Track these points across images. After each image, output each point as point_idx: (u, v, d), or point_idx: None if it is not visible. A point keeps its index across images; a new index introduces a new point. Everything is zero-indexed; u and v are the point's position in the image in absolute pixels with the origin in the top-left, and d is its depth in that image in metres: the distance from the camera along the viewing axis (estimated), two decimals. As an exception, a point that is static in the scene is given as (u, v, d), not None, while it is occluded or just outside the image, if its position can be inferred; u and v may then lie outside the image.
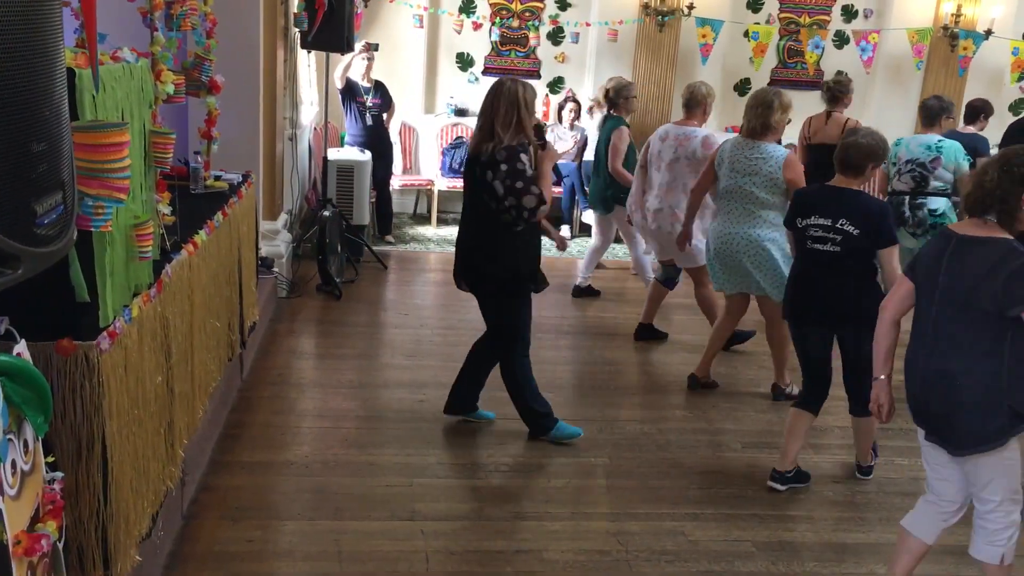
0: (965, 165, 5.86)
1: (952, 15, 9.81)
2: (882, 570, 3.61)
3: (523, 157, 4.09)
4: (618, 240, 7.71)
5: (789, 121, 5.05)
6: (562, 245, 5.26)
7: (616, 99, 6.64)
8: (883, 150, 4.03)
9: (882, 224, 3.93)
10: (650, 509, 3.97)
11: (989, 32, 9.74)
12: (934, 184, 5.92)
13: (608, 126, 6.70)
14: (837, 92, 6.71)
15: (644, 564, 3.54)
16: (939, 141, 5.95)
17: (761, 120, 4.87)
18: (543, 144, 4.27)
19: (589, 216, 8.59)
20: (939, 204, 5.93)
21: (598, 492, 4.10)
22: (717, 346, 5.45)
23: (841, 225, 3.94)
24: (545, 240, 4.63)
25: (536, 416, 4.52)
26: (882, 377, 3.25)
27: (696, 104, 5.82)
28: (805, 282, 4.15)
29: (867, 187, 7.96)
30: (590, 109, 8.93)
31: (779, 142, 5.08)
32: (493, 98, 4.15)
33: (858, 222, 3.92)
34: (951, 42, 9.85)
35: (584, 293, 7.24)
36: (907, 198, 5.98)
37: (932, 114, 6.11)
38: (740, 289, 5.18)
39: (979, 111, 7.39)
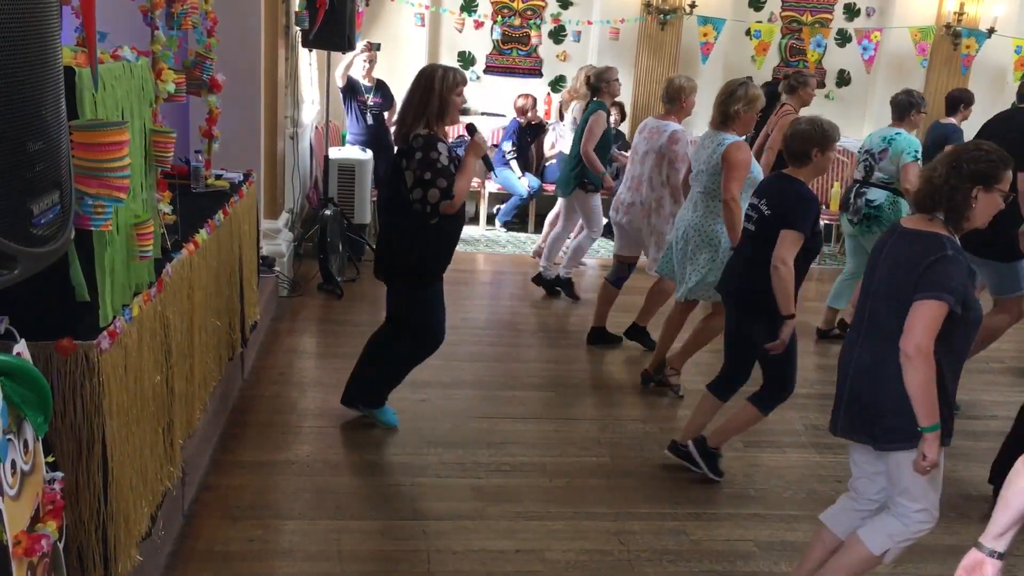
0: (908, 160, 5.85)
1: (955, 13, 9.80)
2: (884, 570, 3.60)
3: (440, 147, 3.99)
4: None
5: (759, 114, 5.01)
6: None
7: (597, 84, 6.61)
8: (822, 135, 3.84)
9: (792, 208, 3.80)
10: (652, 508, 3.96)
11: (992, 30, 9.73)
12: (877, 175, 6.01)
13: (589, 109, 6.65)
14: (793, 83, 6.77)
15: (646, 564, 3.54)
16: (896, 134, 6.00)
17: (721, 109, 4.85)
18: (472, 135, 4.23)
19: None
20: (877, 195, 6.00)
21: (600, 491, 4.09)
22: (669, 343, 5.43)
23: (761, 205, 3.92)
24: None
25: (371, 390, 4.51)
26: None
27: (672, 98, 5.73)
28: (730, 259, 4.26)
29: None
30: (561, 105, 8.90)
31: (749, 136, 5.04)
32: (412, 84, 4.09)
33: (773, 204, 3.86)
34: (954, 40, 9.84)
35: (540, 281, 7.17)
36: (856, 186, 6.13)
37: (901, 108, 6.15)
38: (678, 281, 5.14)
39: (958, 101, 7.43)
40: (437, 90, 4.01)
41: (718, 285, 4.37)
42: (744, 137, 4.97)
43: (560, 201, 7.31)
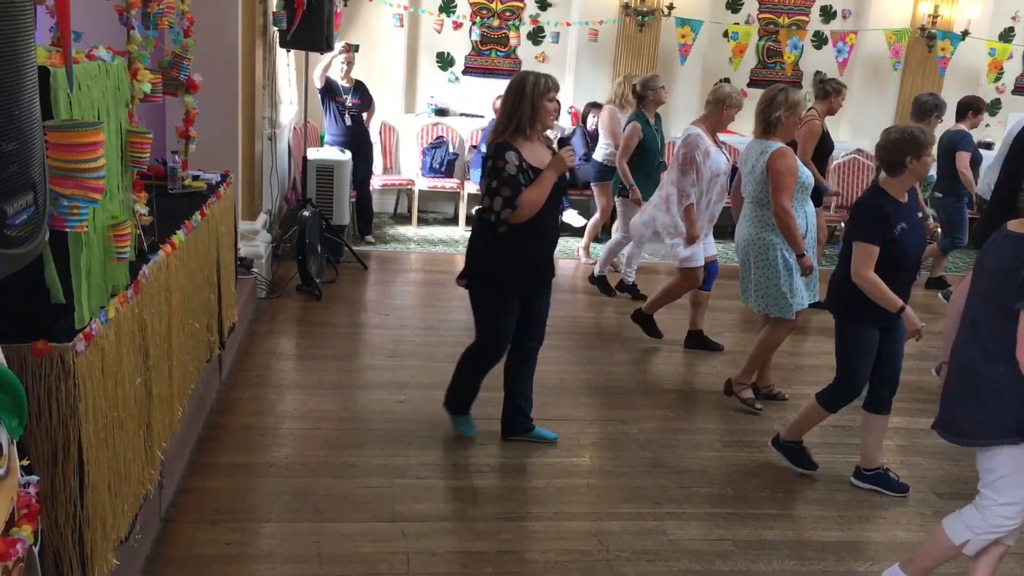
0: None
1: (929, 16, 9.89)
2: (862, 568, 3.63)
3: (508, 155, 3.97)
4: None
5: (799, 120, 4.99)
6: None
7: (644, 93, 6.77)
8: (914, 141, 3.88)
9: (857, 221, 3.94)
10: (631, 509, 3.97)
11: (966, 33, 9.83)
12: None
13: (628, 120, 6.88)
14: (827, 88, 6.78)
15: (625, 564, 3.54)
16: None
17: (762, 117, 4.82)
18: (552, 150, 4.20)
19: (569, 215, 8.62)
20: None
21: (580, 492, 4.09)
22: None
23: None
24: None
25: (452, 395, 4.56)
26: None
27: (713, 103, 5.69)
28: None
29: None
30: (587, 110, 9.07)
31: (793, 143, 5.00)
32: (505, 91, 4.12)
33: (851, 214, 4.02)
34: (928, 43, 9.93)
35: (597, 283, 7.31)
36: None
37: (924, 109, 6.26)
38: (747, 301, 5.07)
39: (967, 107, 7.53)
40: (528, 96, 4.00)
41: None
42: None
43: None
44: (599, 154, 7.70)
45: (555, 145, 4.67)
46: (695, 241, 5.70)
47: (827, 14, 10.20)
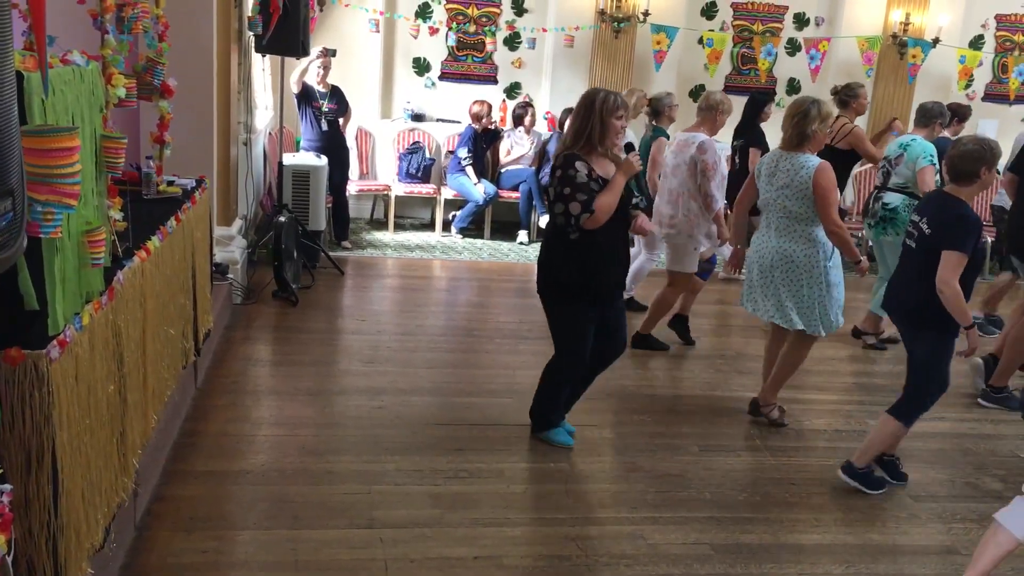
0: (924, 164, 6.12)
1: (901, 23, 10.02)
2: (838, 570, 3.66)
3: (578, 165, 4.08)
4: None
5: (829, 131, 4.99)
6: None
7: (659, 108, 6.85)
8: (990, 153, 4.04)
9: (954, 230, 3.97)
10: (609, 514, 3.98)
11: (937, 40, 9.96)
12: (894, 180, 6.23)
13: (651, 136, 6.89)
14: (844, 97, 6.90)
15: (604, 569, 3.55)
16: (912, 140, 6.28)
17: (798, 130, 4.70)
18: (627, 153, 4.26)
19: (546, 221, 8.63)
20: (893, 199, 6.27)
21: (557, 497, 4.10)
22: (770, 367, 5.19)
23: (922, 224, 4.11)
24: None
25: (536, 414, 4.63)
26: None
27: (705, 110, 5.86)
28: (892, 277, 4.40)
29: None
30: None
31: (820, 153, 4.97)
32: (576, 106, 4.24)
33: (934, 224, 4.05)
34: (900, 50, 10.05)
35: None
36: (875, 192, 6.44)
37: (929, 115, 6.42)
38: (768, 316, 4.93)
39: (952, 116, 7.76)
40: (598, 111, 4.11)
41: (884, 304, 4.46)
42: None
43: None
44: None
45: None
46: (724, 242, 5.92)
47: (800, 21, 10.30)
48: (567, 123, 7.51)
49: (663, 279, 6.25)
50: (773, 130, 7.72)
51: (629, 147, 4.33)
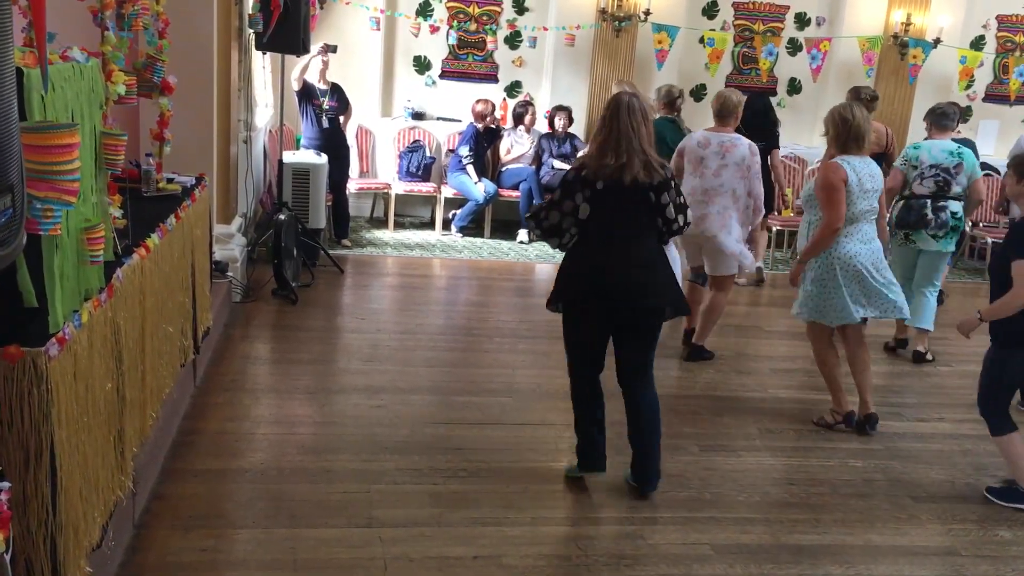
0: (979, 173, 6.20)
1: (902, 24, 10.00)
2: (838, 571, 3.65)
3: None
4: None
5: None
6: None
7: (675, 102, 7.01)
8: None
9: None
10: (609, 513, 3.97)
11: (938, 41, 9.95)
12: (955, 189, 6.14)
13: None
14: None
15: (603, 568, 3.54)
16: (959, 148, 6.20)
17: (867, 137, 4.85)
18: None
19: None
20: (958, 208, 6.17)
21: (557, 497, 4.09)
22: (866, 379, 5.05)
23: None
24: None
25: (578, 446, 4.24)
26: None
27: (729, 112, 5.85)
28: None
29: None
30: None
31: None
32: (625, 113, 3.87)
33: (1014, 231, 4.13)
34: (901, 50, 10.04)
35: None
36: (929, 201, 6.12)
37: (950, 120, 6.34)
38: (879, 312, 4.90)
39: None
40: (645, 115, 3.95)
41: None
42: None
43: None
44: None
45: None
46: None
47: (802, 21, 10.28)
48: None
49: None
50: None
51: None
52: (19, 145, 1.61)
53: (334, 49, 7.90)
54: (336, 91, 8.08)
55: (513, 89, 9.86)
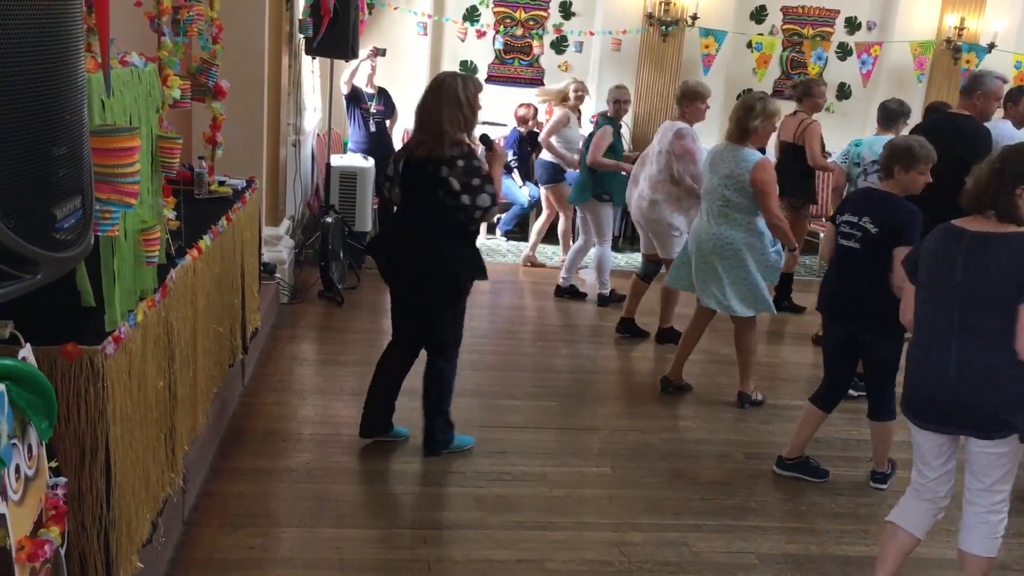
0: None
1: (955, 28, 9.84)
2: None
3: (478, 154, 4.08)
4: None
5: (774, 129, 5.15)
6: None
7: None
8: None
9: (907, 224, 3.96)
10: (653, 520, 3.95)
11: (992, 45, 9.77)
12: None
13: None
14: (800, 94, 7.01)
15: (646, 575, 3.52)
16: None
17: (740, 125, 4.91)
18: (490, 147, 4.26)
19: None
20: None
21: (600, 502, 4.08)
22: (687, 351, 5.47)
23: (864, 223, 4.06)
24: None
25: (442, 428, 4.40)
26: None
27: (681, 99, 6.05)
28: (827, 277, 4.36)
29: (822, 183, 8.08)
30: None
31: (763, 150, 5.14)
32: (434, 93, 4.08)
33: (880, 221, 4.01)
34: (954, 55, 9.88)
35: (566, 293, 7.39)
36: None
37: (892, 116, 6.30)
38: (703, 297, 5.16)
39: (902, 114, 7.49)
40: (464, 99, 4.04)
41: (819, 305, 4.42)
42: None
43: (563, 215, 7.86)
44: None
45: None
46: None
47: (852, 25, 10.16)
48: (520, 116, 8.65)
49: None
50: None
51: (487, 139, 4.34)
52: (88, 148, 1.65)
53: (383, 52, 7.96)
54: (383, 95, 8.14)
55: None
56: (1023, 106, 6.08)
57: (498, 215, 9.27)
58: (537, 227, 8.35)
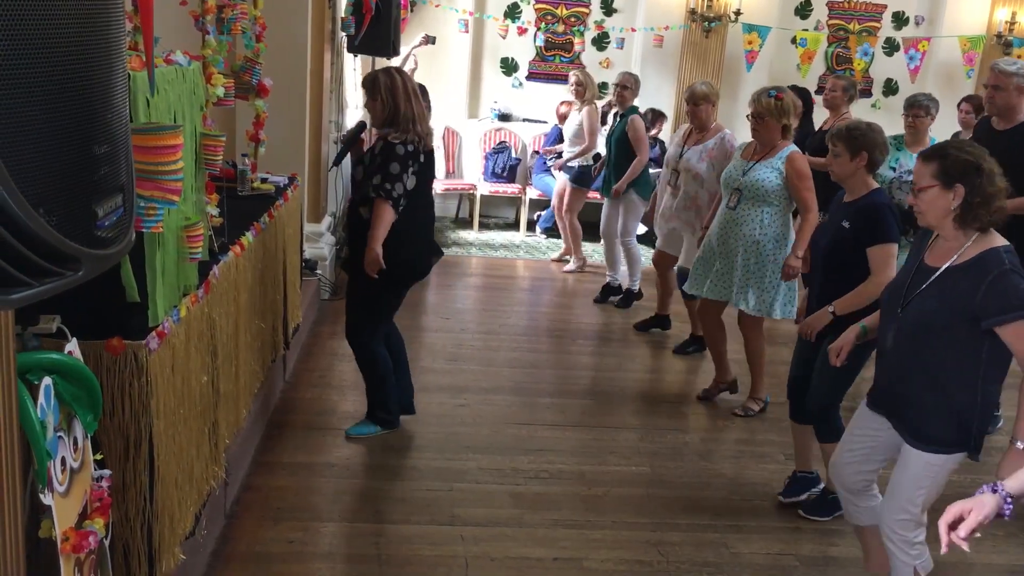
0: None
1: (1007, 22, 9.64)
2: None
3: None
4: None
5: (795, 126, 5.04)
6: None
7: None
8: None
9: (880, 220, 3.66)
10: (692, 520, 3.93)
11: (1044, 40, 9.56)
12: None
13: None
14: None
15: (685, 575, 3.51)
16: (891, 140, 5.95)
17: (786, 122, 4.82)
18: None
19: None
20: None
21: (639, 501, 4.06)
22: (719, 351, 5.31)
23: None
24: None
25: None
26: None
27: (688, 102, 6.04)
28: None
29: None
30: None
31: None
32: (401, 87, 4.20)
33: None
34: (1005, 50, 9.67)
35: (615, 293, 7.24)
36: None
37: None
38: (721, 296, 4.92)
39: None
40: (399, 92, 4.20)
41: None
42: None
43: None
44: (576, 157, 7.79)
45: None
46: None
47: (899, 20, 9.99)
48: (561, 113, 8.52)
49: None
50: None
51: (362, 127, 4.48)
52: (130, 146, 1.67)
53: (433, 40, 8.00)
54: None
55: (600, 90, 9.81)
56: None
57: (537, 212, 9.26)
58: (562, 229, 8.24)
